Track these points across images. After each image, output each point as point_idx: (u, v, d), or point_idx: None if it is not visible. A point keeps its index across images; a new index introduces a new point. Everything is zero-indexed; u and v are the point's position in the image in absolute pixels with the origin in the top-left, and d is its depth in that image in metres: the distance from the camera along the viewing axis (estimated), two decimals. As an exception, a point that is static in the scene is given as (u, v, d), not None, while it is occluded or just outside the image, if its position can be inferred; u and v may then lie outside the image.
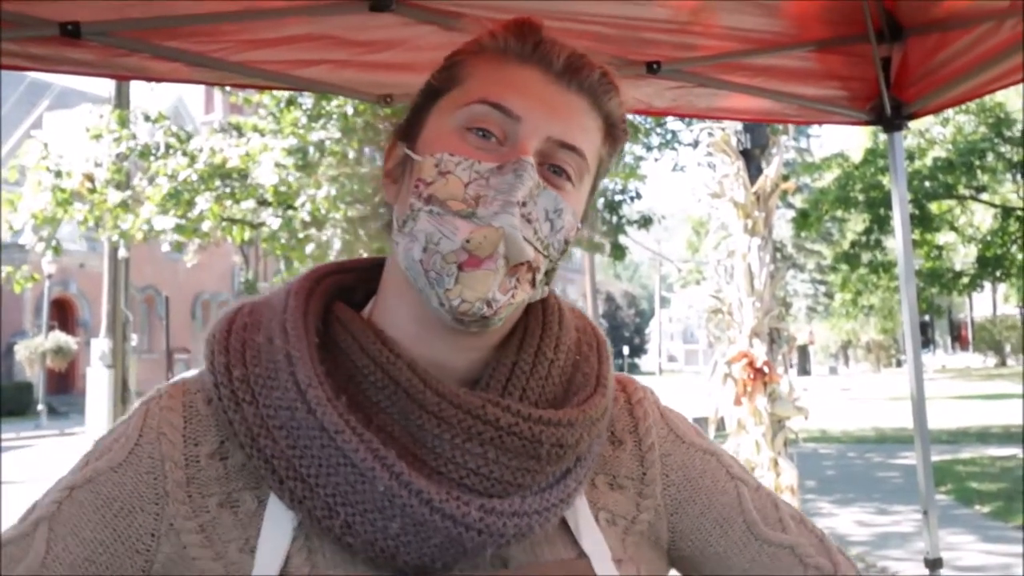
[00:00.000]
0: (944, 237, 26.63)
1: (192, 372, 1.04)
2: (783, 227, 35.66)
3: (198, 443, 0.97)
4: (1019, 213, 25.17)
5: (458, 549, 0.89)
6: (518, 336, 1.02)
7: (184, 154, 12.47)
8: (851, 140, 26.61)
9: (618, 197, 15.63)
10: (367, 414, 0.93)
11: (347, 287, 1.07)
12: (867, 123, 3.23)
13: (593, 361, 1.06)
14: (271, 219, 12.41)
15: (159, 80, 3.06)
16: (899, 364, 47.95)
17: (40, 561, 0.92)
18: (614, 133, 1.04)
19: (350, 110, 11.69)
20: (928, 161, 23.29)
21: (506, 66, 0.98)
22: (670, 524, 1.09)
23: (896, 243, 3.25)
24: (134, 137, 13.09)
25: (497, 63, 0.99)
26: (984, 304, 49.98)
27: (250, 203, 12.57)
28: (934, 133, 23.69)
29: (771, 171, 7.04)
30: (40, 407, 28.08)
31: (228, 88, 13.42)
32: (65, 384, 32.85)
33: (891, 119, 3.09)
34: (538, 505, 0.94)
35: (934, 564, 3.09)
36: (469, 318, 0.92)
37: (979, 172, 23.56)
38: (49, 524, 0.94)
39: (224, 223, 12.87)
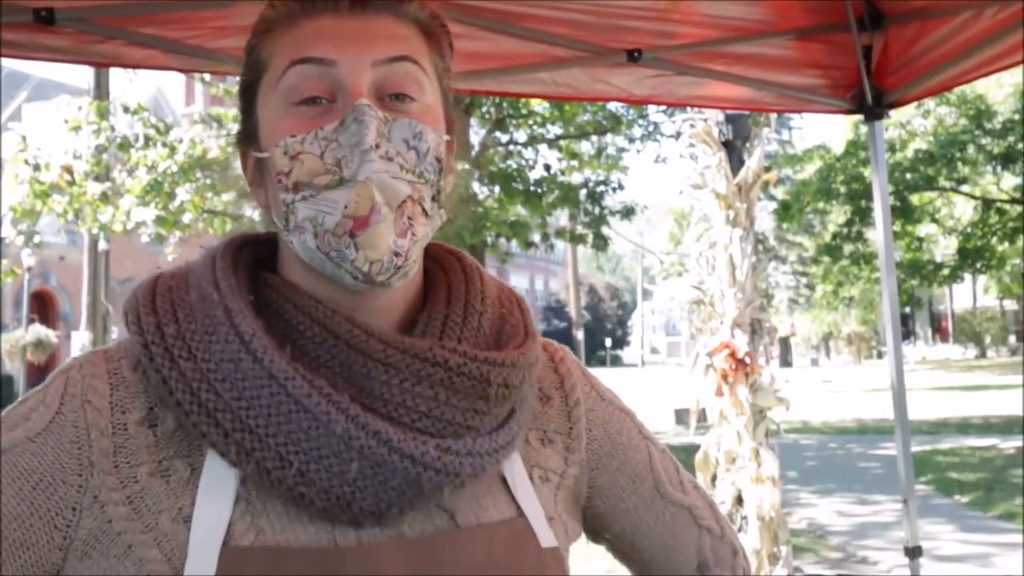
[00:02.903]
0: (925, 229, 26.79)
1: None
2: (765, 219, 35.73)
3: (125, 411, 0.92)
4: (999, 205, 25.34)
5: (416, 490, 0.88)
6: (443, 292, 1.03)
7: (164, 145, 12.40)
8: (833, 132, 26.70)
9: (600, 188, 15.62)
10: (311, 366, 0.91)
11: (263, 258, 1.04)
12: (848, 111, 3.23)
13: (517, 314, 1.07)
14: (252, 211, 12.35)
15: (135, 67, 3.03)
16: (880, 356, 48.17)
17: None
18: (431, 31, 1.02)
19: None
20: (909, 153, 23.40)
21: (298, 27, 0.97)
22: (590, 479, 1.12)
23: (877, 234, 3.25)
24: (113, 129, 13.01)
25: (289, 29, 0.98)
26: (964, 296, 50.22)
27: (231, 195, 12.51)
28: (915, 125, 23.79)
29: (753, 162, 7.03)
30: (20, 401, 27.94)
31: (208, 77, 13.36)
32: (46, 377, 32.59)
33: (872, 107, 3.09)
34: (488, 446, 0.94)
35: (913, 553, 3.10)
36: (385, 275, 0.90)
37: (960, 164, 23.68)
38: None
39: (205, 215, 12.82)
